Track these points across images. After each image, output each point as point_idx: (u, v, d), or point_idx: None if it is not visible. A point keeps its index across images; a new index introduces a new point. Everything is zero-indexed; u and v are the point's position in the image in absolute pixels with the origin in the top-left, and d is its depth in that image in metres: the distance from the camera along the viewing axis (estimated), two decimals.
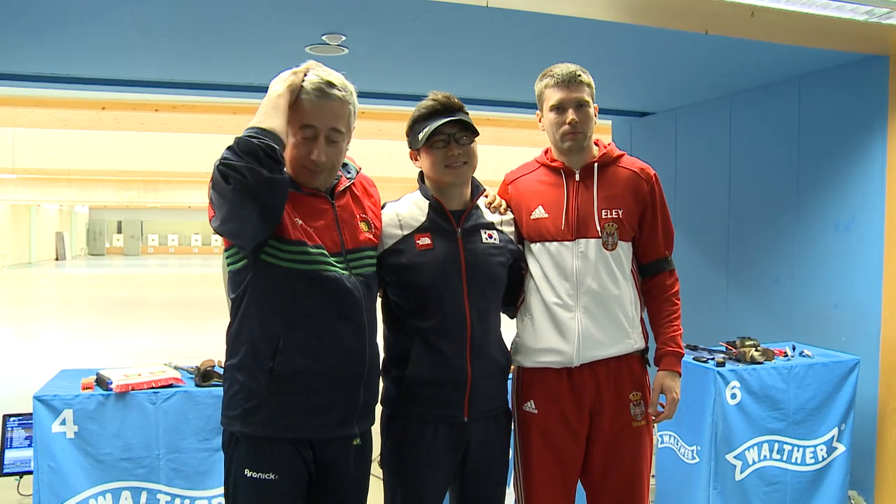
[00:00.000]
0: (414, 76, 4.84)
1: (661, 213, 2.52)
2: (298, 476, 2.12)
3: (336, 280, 2.10)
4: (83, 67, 4.83)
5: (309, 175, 2.12)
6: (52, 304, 17.54)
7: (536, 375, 2.44)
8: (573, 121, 2.39)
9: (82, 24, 3.82)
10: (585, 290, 2.39)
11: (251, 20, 3.77)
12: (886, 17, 3.40)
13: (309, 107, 2.08)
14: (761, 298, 4.84)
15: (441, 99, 2.33)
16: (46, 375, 3.14)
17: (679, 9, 3.31)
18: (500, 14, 3.36)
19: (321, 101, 2.08)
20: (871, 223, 4.03)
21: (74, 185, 19.21)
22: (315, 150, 2.08)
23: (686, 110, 5.66)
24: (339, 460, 2.18)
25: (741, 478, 3.52)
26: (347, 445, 2.18)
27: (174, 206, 27.08)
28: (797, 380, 3.62)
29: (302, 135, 2.08)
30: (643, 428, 2.47)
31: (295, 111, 2.08)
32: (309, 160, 2.09)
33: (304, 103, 2.08)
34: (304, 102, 2.08)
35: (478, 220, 2.41)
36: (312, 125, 2.08)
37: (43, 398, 2.77)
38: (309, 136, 2.08)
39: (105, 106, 7.05)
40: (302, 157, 2.10)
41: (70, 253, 36.97)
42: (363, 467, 2.26)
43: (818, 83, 4.40)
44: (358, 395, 2.17)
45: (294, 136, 2.09)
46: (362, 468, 2.26)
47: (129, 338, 11.34)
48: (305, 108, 2.08)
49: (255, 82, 5.15)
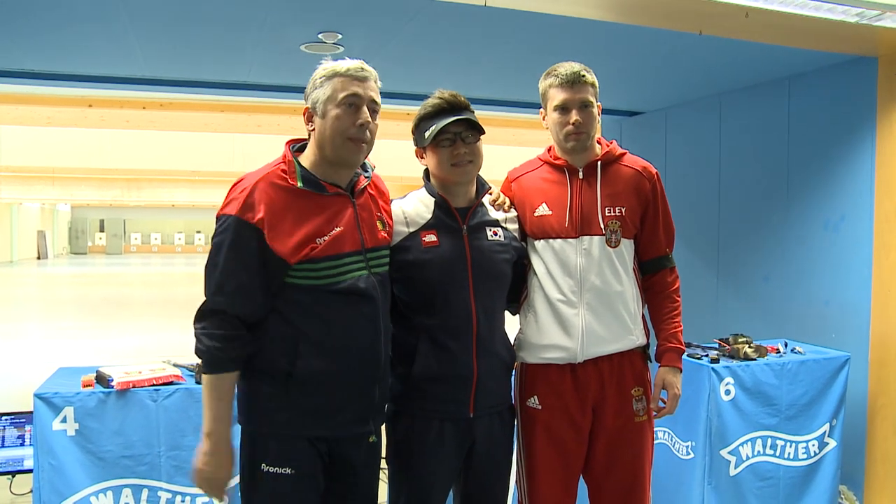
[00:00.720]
0: (410, 75, 4.84)
1: (662, 211, 2.56)
2: (314, 471, 2.14)
3: (355, 283, 2.12)
4: (73, 64, 4.80)
5: (353, 148, 2.12)
6: (36, 304, 17.38)
7: (540, 371, 2.47)
8: (577, 121, 2.42)
9: (75, 20, 3.79)
10: (589, 287, 2.42)
11: (247, 18, 3.76)
12: (877, 19, 3.44)
13: (350, 80, 2.10)
14: (752, 296, 4.89)
15: (448, 97, 2.34)
16: (34, 375, 3.13)
17: (675, 9, 3.33)
18: (497, 13, 3.37)
19: (359, 75, 2.11)
20: (861, 222, 4.08)
21: (57, 183, 19.04)
22: (361, 116, 2.10)
23: (676, 110, 5.71)
24: (352, 456, 2.20)
25: (735, 473, 3.56)
26: (362, 442, 2.21)
27: (157, 204, 26.94)
28: (789, 376, 3.67)
29: (346, 103, 2.09)
30: (645, 423, 2.50)
31: (330, 89, 2.10)
32: (356, 127, 2.10)
33: (343, 81, 2.10)
34: (343, 80, 2.10)
35: (483, 218, 2.43)
36: (357, 93, 2.10)
37: (43, 396, 2.77)
38: (353, 104, 2.10)
39: (92, 103, 6.98)
40: (347, 127, 2.10)
41: (52, 252, 36.64)
42: (375, 463, 2.30)
43: (808, 83, 4.46)
44: (374, 394, 2.20)
45: (337, 109, 2.09)
46: (374, 463, 2.29)
47: (114, 337, 11.28)
48: (346, 83, 2.10)
49: (248, 80, 5.14)
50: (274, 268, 2.05)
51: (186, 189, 20.65)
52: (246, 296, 2.05)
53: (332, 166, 2.15)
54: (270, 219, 2.04)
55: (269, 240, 2.03)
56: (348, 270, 2.12)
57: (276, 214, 2.05)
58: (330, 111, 2.10)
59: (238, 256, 2.04)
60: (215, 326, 2.04)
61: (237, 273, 2.04)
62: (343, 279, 2.10)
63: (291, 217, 2.07)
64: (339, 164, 2.16)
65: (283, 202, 2.07)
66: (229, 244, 2.04)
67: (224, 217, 2.06)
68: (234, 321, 2.04)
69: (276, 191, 2.08)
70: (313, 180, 2.12)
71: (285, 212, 2.06)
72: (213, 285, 2.06)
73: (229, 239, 2.04)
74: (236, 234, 2.04)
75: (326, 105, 2.10)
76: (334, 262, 2.09)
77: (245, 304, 2.05)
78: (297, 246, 2.05)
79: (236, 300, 2.04)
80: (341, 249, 2.11)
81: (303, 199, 2.10)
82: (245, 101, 6.85)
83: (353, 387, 2.14)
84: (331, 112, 2.09)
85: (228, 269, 2.05)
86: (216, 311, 2.05)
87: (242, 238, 2.03)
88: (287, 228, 2.05)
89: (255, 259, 2.04)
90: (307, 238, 2.06)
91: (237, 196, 2.06)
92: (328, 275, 2.09)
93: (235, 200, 2.06)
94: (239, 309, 2.04)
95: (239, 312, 2.04)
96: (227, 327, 2.04)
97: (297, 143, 2.24)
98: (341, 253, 2.11)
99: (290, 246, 2.04)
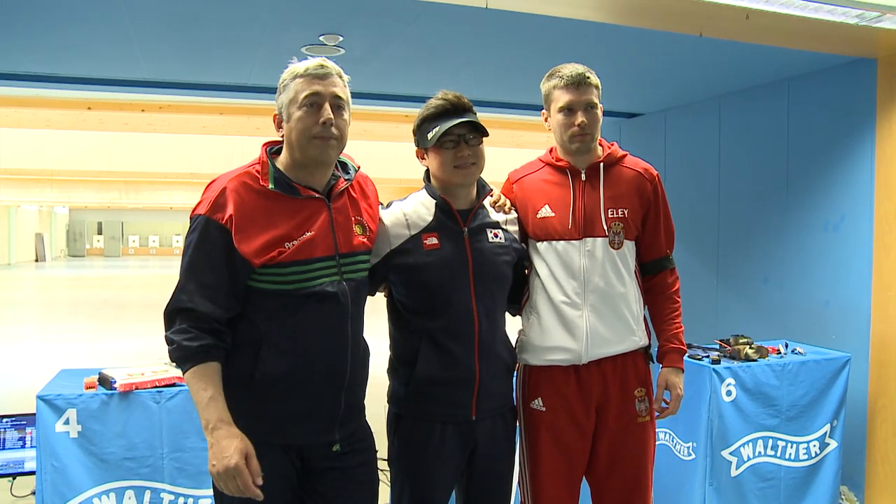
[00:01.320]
0: (410, 77, 4.86)
1: (663, 213, 2.57)
2: (286, 476, 2.12)
3: (323, 288, 2.09)
4: (73, 66, 4.80)
5: (321, 146, 2.08)
6: (34, 306, 17.36)
7: (544, 373, 2.47)
8: (582, 122, 2.42)
9: (75, 21, 3.79)
10: (593, 289, 2.43)
11: (249, 20, 3.77)
12: (876, 21, 3.45)
13: (310, 80, 2.07)
14: (752, 297, 4.90)
15: (452, 98, 2.33)
16: (34, 377, 3.13)
17: (675, 11, 3.34)
18: (498, 15, 3.38)
19: (319, 72, 2.08)
20: (861, 223, 4.09)
21: (56, 185, 19.04)
22: (323, 115, 2.06)
23: (675, 111, 5.72)
24: (322, 466, 2.16)
25: (736, 474, 3.57)
26: (327, 452, 2.16)
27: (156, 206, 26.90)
28: (790, 377, 3.68)
29: (307, 103, 2.06)
30: (647, 424, 2.51)
31: (293, 92, 2.07)
32: (319, 126, 2.06)
33: (303, 81, 2.07)
34: (303, 81, 2.07)
35: (484, 220, 2.43)
36: (317, 91, 2.06)
37: (46, 398, 2.77)
38: (314, 103, 2.07)
39: (91, 106, 6.98)
40: (310, 127, 2.06)
41: (50, 254, 36.60)
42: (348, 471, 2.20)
43: (807, 85, 4.47)
44: (339, 402, 2.15)
45: (299, 111, 2.07)
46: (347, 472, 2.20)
47: (113, 340, 11.26)
48: (306, 83, 2.07)
49: (248, 82, 5.14)
50: (241, 270, 2.03)
51: (184, 191, 20.65)
52: (210, 295, 2.01)
53: (304, 168, 2.12)
54: (239, 220, 2.02)
55: (235, 241, 2.01)
56: (318, 276, 2.08)
57: (245, 216, 2.03)
58: (294, 113, 2.07)
59: (205, 256, 2.02)
60: (182, 322, 2.01)
61: (203, 272, 2.02)
62: (311, 284, 2.07)
63: (260, 219, 2.04)
64: (311, 164, 2.12)
65: (252, 203, 2.05)
66: (196, 243, 2.03)
67: (195, 217, 2.05)
68: (202, 317, 2.00)
69: (247, 192, 2.06)
70: (286, 182, 2.09)
71: (254, 213, 2.04)
72: (179, 284, 2.04)
73: (197, 238, 2.03)
74: (204, 233, 2.02)
75: (290, 108, 2.08)
76: (303, 266, 2.06)
77: (209, 303, 2.01)
78: (263, 248, 2.03)
79: (200, 299, 2.00)
80: (311, 254, 2.08)
81: (273, 202, 2.07)
82: (243, 104, 6.86)
83: (316, 394, 2.10)
84: (294, 114, 2.07)
85: (194, 268, 2.03)
86: (181, 310, 2.02)
87: (210, 238, 2.02)
88: (254, 230, 2.03)
89: (221, 259, 2.01)
90: (274, 241, 2.04)
91: (208, 196, 2.06)
92: (296, 280, 2.06)
93: (206, 200, 2.05)
94: (203, 306, 2.00)
95: (204, 310, 2.00)
96: (194, 321, 2.00)
97: (274, 146, 2.21)
98: (311, 258, 2.07)
99: (254, 248, 2.02)
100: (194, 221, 2.05)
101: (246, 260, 2.02)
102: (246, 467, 1.95)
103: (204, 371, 2.00)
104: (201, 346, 2.00)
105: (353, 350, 2.15)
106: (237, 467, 1.93)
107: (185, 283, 2.03)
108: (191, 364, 2.00)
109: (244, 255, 2.01)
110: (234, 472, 1.94)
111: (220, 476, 1.95)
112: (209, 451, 1.97)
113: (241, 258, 2.01)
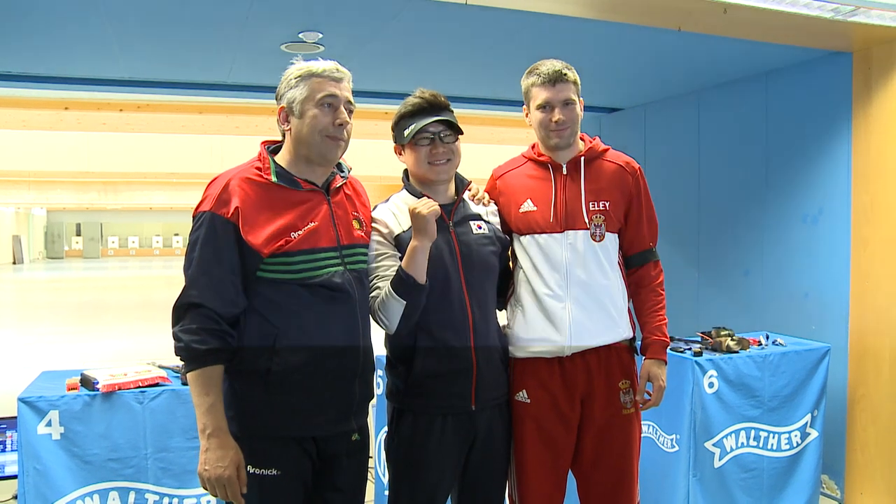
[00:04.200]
0: (389, 75, 4.85)
1: (645, 206, 2.59)
2: (301, 470, 2.14)
3: (330, 278, 2.13)
4: (49, 65, 4.76)
5: (331, 145, 2.16)
6: (13, 309, 17.18)
7: (528, 365, 2.49)
8: (560, 119, 2.44)
9: (51, 20, 3.77)
10: (575, 281, 2.44)
11: (227, 17, 3.75)
12: (850, 15, 3.50)
13: (327, 81, 2.14)
14: (733, 290, 4.94)
15: (428, 97, 2.38)
16: (13, 380, 3.10)
17: (654, 6, 3.37)
18: (477, 12, 3.39)
19: (335, 76, 2.15)
20: (838, 215, 4.15)
21: (33, 186, 18.84)
22: (340, 116, 2.14)
23: (655, 106, 5.76)
24: (339, 455, 2.20)
25: (719, 465, 3.60)
26: (346, 441, 2.21)
27: (135, 207, 26.71)
28: (771, 368, 3.71)
29: (324, 103, 2.13)
30: (632, 416, 2.53)
31: (307, 90, 2.13)
32: (334, 126, 2.14)
33: (320, 81, 2.13)
34: (320, 81, 2.13)
35: (466, 212, 2.46)
36: (335, 94, 2.14)
37: (28, 400, 2.74)
38: (330, 104, 2.14)
39: (68, 106, 6.92)
40: (326, 126, 2.13)
41: (28, 256, 36.19)
42: (362, 461, 2.30)
43: (785, 79, 4.52)
44: (354, 391, 2.20)
45: (315, 109, 2.13)
46: (362, 462, 2.29)
47: (93, 341, 11.17)
48: (323, 83, 2.13)
49: (227, 80, 5.12)
50: (249, 261, 2.07)
51: (164, 191, 20.53)
52: (219, 289, 2.05)
53: (308, 164, 2.18)
54: (245, 212, 2.06)
55: (243, 233, 2.05)
56: (324, 266, 2.13)
57: (250, 208, 2.07)
58: (308, 111, 2.13)
59: (212, 251, 2.06)
60: (191, 321, 2.03)
61: (211, 267, 2.05)
62: (318, 274, 2.12)
63: (265, 210, 2.09)
64: (317, 161, 2.18)
65: (256, 196, 2.09)
66: (204, 239, 2.06)
67: (200, 214, 2.09)
68: (211, 315, 2.04)
69: (251, 186, 2.10)
70: (287, 176, 2.15)
71: (259, 205, 2.09)
72: (188, 280, 2.07)
73: (204, 234, 2.06)
74: (210, 229, 2.06)
75: (304, 105, 2.13)
76: (309, 255, 2.11)
77: (218, 298, 2.04)
78: (271, 238, 2.07)
79: (209, 293, 2.04)
80: (316, 244, 2.13)
81: (277, 193, 2.12)
82: (223, 103, 6.83)
83: (332, 383, 2.15)
84: (309, 111, 2.13)
85: (203, 263, 2.06)
86: (191, 306, 2.04)
87: (217, 233, 2.05)
88: (261, 221, 2.07)
89: (229, 253, 2.05)
90: (281, 231, 2.08)
91: (212, 192, 2.09)
92: (303, 269, 2.10)
93: (210, 197, 2.09)
94: (212, 302, 2.03)
95: (212, 306, 2.04)
96: (204, 321, 2.03)
97: (272, 145, 2.26)
98: (316, 248, 2.13)
99: (263, 238, 2.06)
100: (199, 219, 2.09)
101: (254, 250, 2.05)
102: (237, 479, 2.03)
103: (208, 374, 2.04)
104: (208, 349, 2.03)
105: (363, 338, 2.21)
106: (230, 478, 2.02)
107: (194, 278, 2.06)
108: (196, 366, 2.04)
109: (253, 245, 2.05)
110: (226, 482, 2.02)
111: (209, 482, 2.03)
112: (202, 455, 2.03)
113: (250, 249, 2.05)
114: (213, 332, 2.04)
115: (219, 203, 2.06)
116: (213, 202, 2.07)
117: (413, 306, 2.24)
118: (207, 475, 2.02)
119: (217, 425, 2.03)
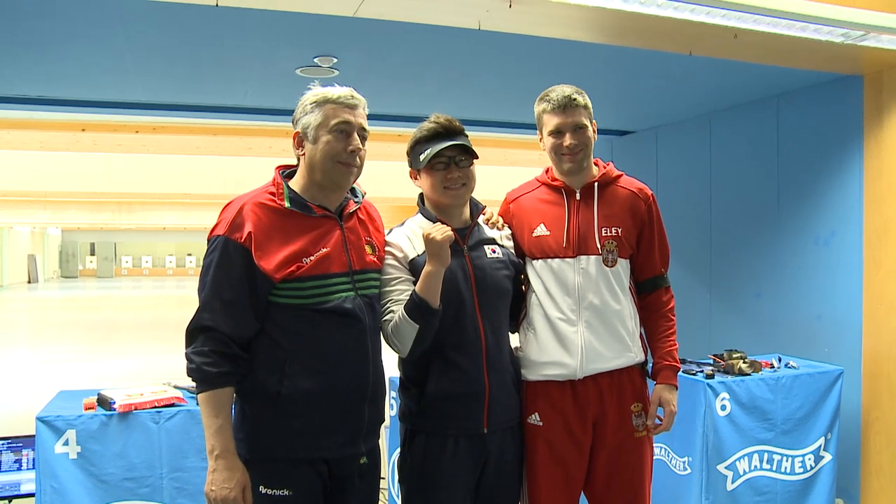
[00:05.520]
0: (402, 98, 4.90)
1: (657, 232, 2.61)
2: (313, 491, 2.16)
3: (341, 303, 2.16)
4: (69, 90, 4.84)
5: (343, 171, 2.19)
6: (28, 328, 17.30)
7: (541, 388, 2.50)
8: (571, 145, 2.47)
9: (73, 46, 3.84)
10: (587, 305, 2.47)
11: (245, 43, 3.82)
12: (861, 40, 3.52)
13: (342, 108, 2.17)
14: (745, 312, 4.94)
15: (444, 122, 2.41)
16: (28, 399, 3.14)
17: (665, 31, 3.40)
18: (490, 36, 3.43)
19: (350, 102, 2.19)
20: (851, 237, 4.15)
21: (49, 206, 19.00)
22: (352, 143, 2.17)
23: (666, 128, 5.78)
24: (351, 476, 2.22)
25: (732, 488, 3.59)
26: (354, 464, 2.22)
27: (149, 227, 26.86)
28: (784, 390, 3.71)
29: (337, 129, 2.16)
30: (644, 439, 2.54)
31: (322, 116, 2.16)
32: (346, 153, 2.17)
33: (335, 108, 2.17)
34: (335, 107, 2.17)
35: (480, 237, 2.49)
36: (349, 121, 2.17)
37: (45, 419, 2.79)
38: (344, 130, 2.17)
39: (85, 128, 7.02)
40: (339, 152, 2.16)
41: (42, 275, 36.48)
42: (374, 482, 2.32)
43: (796, 102, 4.54)
44: (363, 415, 2.22)
45: (329, 135, 2.16)
46: (373, 483, 2.32)
47: (107, 361, 11.23)
48: (337, 109, 2.17)
49: (243, 104, 5.18)
50: (261, 286, 2.10)
51: (177, 212, 20.65)
52: (232, 313, 2.08)
53: (321, 190, 2.22)
54: (257, 237, 2.09)
55: (255, 258, 2.08)
56: (335, 291, 2.16)
57: (263, 233, 2.10)
58: (321, 136, 2.16)
59: (225, 275, 2.09)
60: (203, 344, 2.07)
61: (223, 290, 2.09)
62: (330, 299, 2.14)
63: (278, 236, 2.12)
64: (329, 187, 2.21)
65: (270, 221, 2.13)
66: (217, 263, 2.10)
67: (214, 238, 2.13)
68: (223, 338, 2.07)
69: (264, 211, 2.14)
70: (301, 202, 2.18)
71: (272, 230, 2.12)
72: (201, 303, 2.11)
73: (217, 258, 2.10)
74: (224, 253, 2.09)
75: (318, 131, 2.17)
76: (321, 281, 2.14)
77: (230, 321, 2.08)
78: (283, 263, 2.10)
79: (222, 317, 2.07)
80: (328, 270, 2.15)
81: (290, 219, 2.15)
82: (237, 125, 6.91)
83: (342, 407, 2.17)
84: (322, 137, 2.16)
85: (215, 286, 2.09)
86: (203, 329, 2.08)
87: (230, 257, 2.09)
88: (273, 246, 2.11)
89: (242, 277, 2.08)
90: (293, 256, 2.11)
91: (226, 217, 2.13)
92: (314, 294, 2.13)
93: (224, 221, 2.13)
94: (224, 325, 2.07)
95: (224, 329, 2.07)
96: (216, 344, 2.07)
97: (286, 170, 2.30)
98: (328, 273, 2.15)
99: (275, 263, 2.09)
100: (213, 242, 2.13)
101: (266, 275, 2.08)
102: (243, 500, 2.07)
103: (219, 397, 2.08)
104: (220, 372, 2.07)
105: (373, 363, 2.23)
106: (235, 500, 2.06)
107: (207, 301, 2.10)
108: (207, 388, 2.08)
109: (265, 270, 2.08)
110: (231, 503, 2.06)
111: (215, 502, 2.07)
112: (209, 475, 2.07)
113: (262, 274, 2.08)
114: (224, 356, 2.07)
115: (232, 228, 2.10)
116: (226, 227, 2.11)
117: (426, 330, 2.26)
118: (214, 496, 2.06)
119: (225, 447, 2.07)
